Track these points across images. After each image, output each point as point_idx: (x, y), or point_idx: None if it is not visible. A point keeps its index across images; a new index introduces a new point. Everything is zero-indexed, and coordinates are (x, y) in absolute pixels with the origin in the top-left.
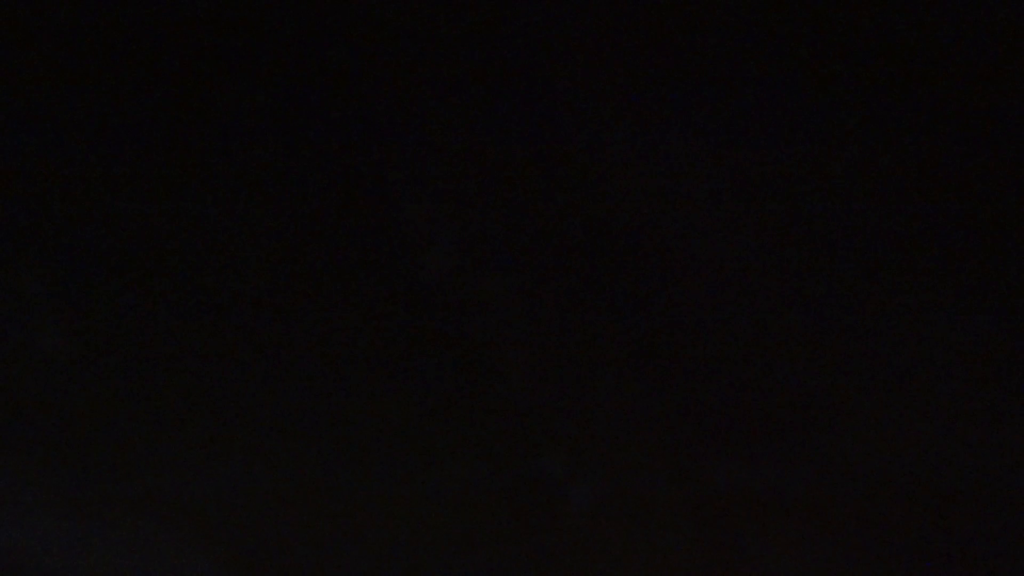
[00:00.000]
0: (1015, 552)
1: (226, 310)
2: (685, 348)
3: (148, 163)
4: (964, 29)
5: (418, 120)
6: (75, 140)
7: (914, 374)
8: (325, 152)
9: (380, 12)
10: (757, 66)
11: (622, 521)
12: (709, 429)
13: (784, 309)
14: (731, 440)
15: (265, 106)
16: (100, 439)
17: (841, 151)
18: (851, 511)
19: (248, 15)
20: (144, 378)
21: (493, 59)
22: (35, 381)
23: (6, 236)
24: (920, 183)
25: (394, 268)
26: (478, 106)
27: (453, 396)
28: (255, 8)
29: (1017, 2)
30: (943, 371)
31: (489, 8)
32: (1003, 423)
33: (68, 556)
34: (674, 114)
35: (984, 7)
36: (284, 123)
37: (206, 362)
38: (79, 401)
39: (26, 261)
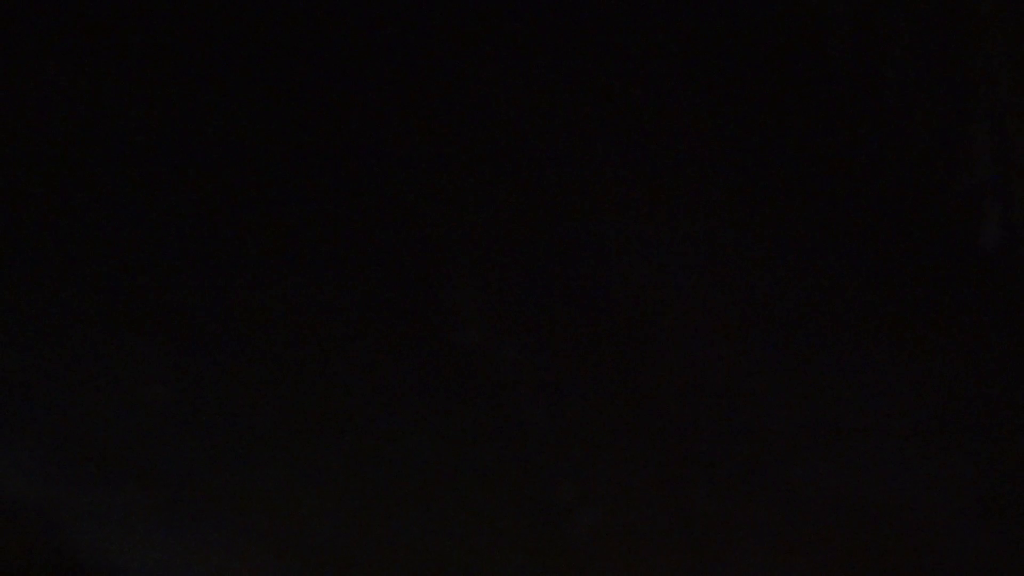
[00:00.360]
0: (947, 568)
1: (299, 369)
2: (674, 399)
3: (237, 253)
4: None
5: (455, 216)
6: (184, 230)
7: (865, 423)
8: (382, 246)
9: (425, 114)
10: (734, 179)
11: (623, 541)
12: (695, 465)
13: (759, 373)
14: (714, 474)
15: (329, 203)
16: (198, 478)
17: (802, 249)
18: (809, 532)
19: (301, 115)
20: (234, 425)
21: (522, 167)
22: (142, 426)
23: (122, 305)
24: (863, 283)
25: (434, 336)
26: (507, 206)
27: (480, 437)
28: (308, 107)
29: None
30: (888, 421)
31: (516, 121)
32: (933, 462)
33: None
34: (669, 218)
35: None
36: (349, 220)
37: (283, 412)
38: (180, 444)
39: (138, 326)
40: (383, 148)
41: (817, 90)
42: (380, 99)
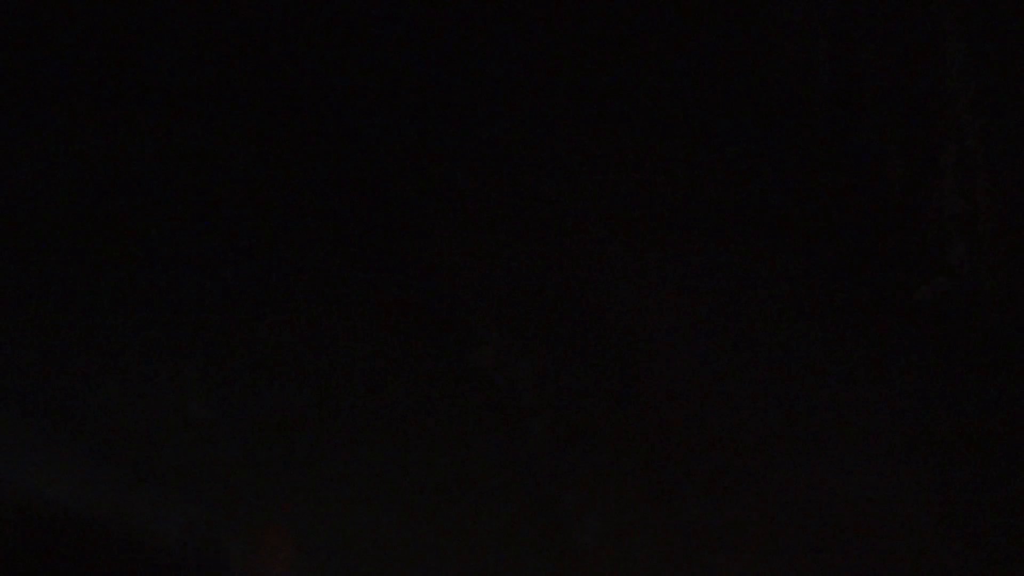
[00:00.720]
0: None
1: (325, 387)
2: (671, 417)
3: (269, 285)
4: None
5: (472, 250)
6: (223, 272)
7: (842, 439)
8: (405, 277)
9: (449, 157)
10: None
11: (624, 543)
12: (687, 477)
13: (747, 394)
14: (703, 485)
15: (355, 239)
16: (234, 486)
17: (782, 284)
18: (790, 537)
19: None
20: (265, 437)
21: (536, 207)
22: (185, 439)
23: (168, 335)
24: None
25: (453, 357)
26: (520, 242)
27: (493, 449)
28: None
29: None
30: (862, 438)
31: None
32: (902, 472)
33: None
34: (667, 255)
35: None
36: (374, 253)
37: (309, 426)
38: (217, 455)
39: (182, 353)
40: (409, 187)
41: (799, 136)
42: (408, 146)
